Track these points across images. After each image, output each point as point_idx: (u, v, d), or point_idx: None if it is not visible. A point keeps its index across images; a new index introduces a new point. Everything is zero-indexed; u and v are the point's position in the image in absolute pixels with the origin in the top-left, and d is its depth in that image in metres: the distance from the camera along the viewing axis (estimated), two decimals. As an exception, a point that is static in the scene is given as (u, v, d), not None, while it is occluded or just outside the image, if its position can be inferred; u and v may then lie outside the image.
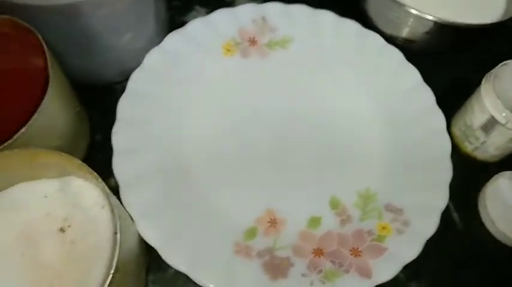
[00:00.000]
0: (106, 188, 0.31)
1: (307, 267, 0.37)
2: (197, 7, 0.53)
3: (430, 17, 0.44)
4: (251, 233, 0.39)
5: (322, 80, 0.47)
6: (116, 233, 0.30)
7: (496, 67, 0.42)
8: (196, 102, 0.45)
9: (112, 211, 0.31)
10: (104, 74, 0.45)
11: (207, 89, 0.45)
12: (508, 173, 0.44)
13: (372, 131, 0.45)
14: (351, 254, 0.38)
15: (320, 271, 0.37)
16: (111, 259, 0.28)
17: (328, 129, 0.45)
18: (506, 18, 0.44)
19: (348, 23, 0.49)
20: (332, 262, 0.37)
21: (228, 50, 0.47)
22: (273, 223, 0.40)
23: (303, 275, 0.37)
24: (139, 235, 0.36)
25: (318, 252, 0.38)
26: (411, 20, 0.45)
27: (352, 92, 0.47)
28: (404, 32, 0.48)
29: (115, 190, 0.37)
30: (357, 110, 0.46)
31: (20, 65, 0.37)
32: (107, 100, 0.44)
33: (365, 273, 0.37)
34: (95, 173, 0.31)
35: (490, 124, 0.41)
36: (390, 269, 0.37)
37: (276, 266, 0.37)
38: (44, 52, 0.35)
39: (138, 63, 0.43)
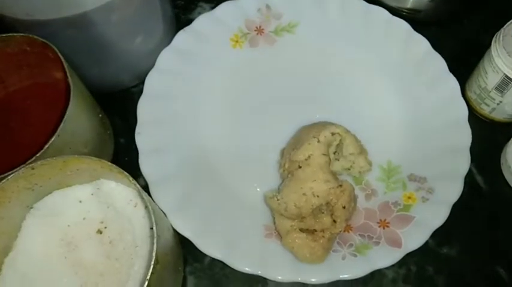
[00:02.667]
0: (137, 185, 0.32)
1: (337, 243, 0.38)
2: (201, 3, 0.54)
3: (433, -15, 0.44)
4: (279, 216, 0.40)
5: (332, 59, 0.48)
6: (152, 227, 0.31)
7: (505, 26, 0.41)
8: (212, 96, 0.46)
9: (146, 207, 0.33)
10: (120, 79, 0.46)
11: (221, 82, 0.46)
12: (527, 130, 0.44)
13: (388, 105, 0.46)
14: (379, 226, 0.39)
15: (351, 245, 0.38)
16: (151, 252, 0.30)
17: (344, 108, 0.45)
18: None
19: (352, 0, 0.49)
20: (361, 235, 0.38)
21: (236, 42, 0.48)
22: (300, 204, 0.41)
23: (334, 251, 0.38)
24: (173, 228, 0.38)
25: (347, 228, 0.39)
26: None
27: (364, 68, 0.47)
28: (409, 3, 0.48)
29: (144, 189, 0.38)
30: (370, 86, 0.47)
31: (42, 79, 0.39)
32: (126, 104, 0.45)
33: (395, 243, 0.37)
34: (126, 173, 0.32)
35: (504, 83, 0.41)
36: (419, 236, 0.38)
37: (306, 245, 0.38)
38: (62, 65, 0.36)
39: (151, 65, 0.45)
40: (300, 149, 0.39)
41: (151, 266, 0.29)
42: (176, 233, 0.38)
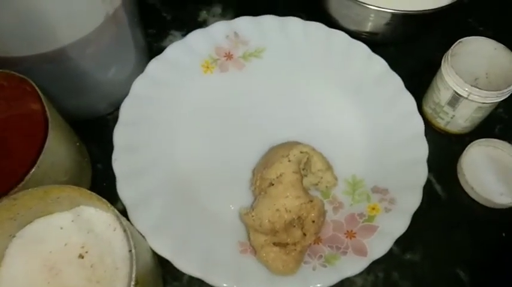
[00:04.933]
0: (116, 211, 0.34)
1: (308, 255, 0.40)
2: (172, 31, 0.56)
3: (388, 10, 0.47)
4: (253, 232, 0.43)
5: (298, 81, 0.51)
6: (130, 250, 0.33)
7: (452, 46, 0.45)
8: (185, 121, 0.48)
9: (124, 231, 0.35)
10: (96, 108, 0.48)
11: (193, 107, 0.49)
12: (479, 141, 0.48)
13: (351, 122, 0.49)
14: (346, 237, 0.41)
15: (320, 257, 0.40)
16: (131, 273, 0.31)
17: (310, 127, 0.48)
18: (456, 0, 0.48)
19: (314, 26, 0.52)
20: (330, 246, 0.41)
21: (207, 68, 0.51)
22: (272, 219, 0.43)
23: (305, 262, 0.40)
24: (151, 250, 0.40)
25: (316, 240, 0.41)
26: (371, 15, 0.49)
27: (327, 89, 0.50)
28: (367, 27, 0.51)
29: (122, 212, 0.40)
30: (334, 105, 0.50)
31: (19, 112, 0.40)
32: (102, 131, 0.47)
33: (361, 252, 0.40)
34: (104, 200, 0.34)
35: (455, 99, 0.45)
36: (383, 245, 0.40)
37: (280, 259, 0.40)
38: (39, 98, 0.38)
39: (125, 93, 0.47)
40: (271, 168, 0.41)
41: (132, 287, 0.31)
42: (155, 254, 0.40)
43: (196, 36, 0.51)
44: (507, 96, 0.44)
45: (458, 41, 0.45)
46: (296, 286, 0.39)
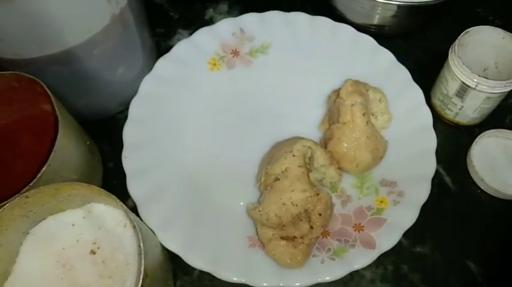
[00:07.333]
0: (125, 207, 0.35)
1: (316, 248, 0.41)
2: (180, 30, 0.57)
3: (394, 2, 0.47)
4: (262, 226, 0.43)
5: (305, 76, 0.51)
6: (140, 245, 0.33)
7: (459, 37, 0.45)
8: (193, 118, 0.49)
9: (134, 227, 0.35)
10: (106, 108, 0.49)
11: (201, 104, 0.49)
12: (489, 132, 0.47)
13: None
14: (355, 230, 0.41)
15: (329, 250, 0.40)
16: (139, 267, 0.32)
17: (318, 121, 0.48)
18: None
19: (320, 20, 0.52)
20: (338, 240, 0.41)
21: (214, 65, 0.51)
22: (280, 214, 0.44)
23: (313, 256, 0.40)
24: (161, 245, 0.40)
25: (324, 233, 0.41)
26: (377, 7, 0.49)
27: (334, 83, 0.50)
28: (373, 19, 0.51)
29: (134, 209, 0.41)
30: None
31: (31, 113, 0.41)
32: (113, 130, 0.48)
33: (369, 245, 0.40)
34: (113, 196, 0.35)
35: (463, 89, 0.44)
36: (392, 237, 0.40)
37: (288, 253, 0.41)
38: (49, 98, 0.39)
39: (134, 92, 0.47)
40: (276, 163, 0.41)
41: (141, 280, 0.31)
42: (165, 249, 0.40)
43: (202, 34, 0.51)
44: (516, 86, 0.43)
45: (465, 31, 0.45)
46: (304, 279, 0.39)
